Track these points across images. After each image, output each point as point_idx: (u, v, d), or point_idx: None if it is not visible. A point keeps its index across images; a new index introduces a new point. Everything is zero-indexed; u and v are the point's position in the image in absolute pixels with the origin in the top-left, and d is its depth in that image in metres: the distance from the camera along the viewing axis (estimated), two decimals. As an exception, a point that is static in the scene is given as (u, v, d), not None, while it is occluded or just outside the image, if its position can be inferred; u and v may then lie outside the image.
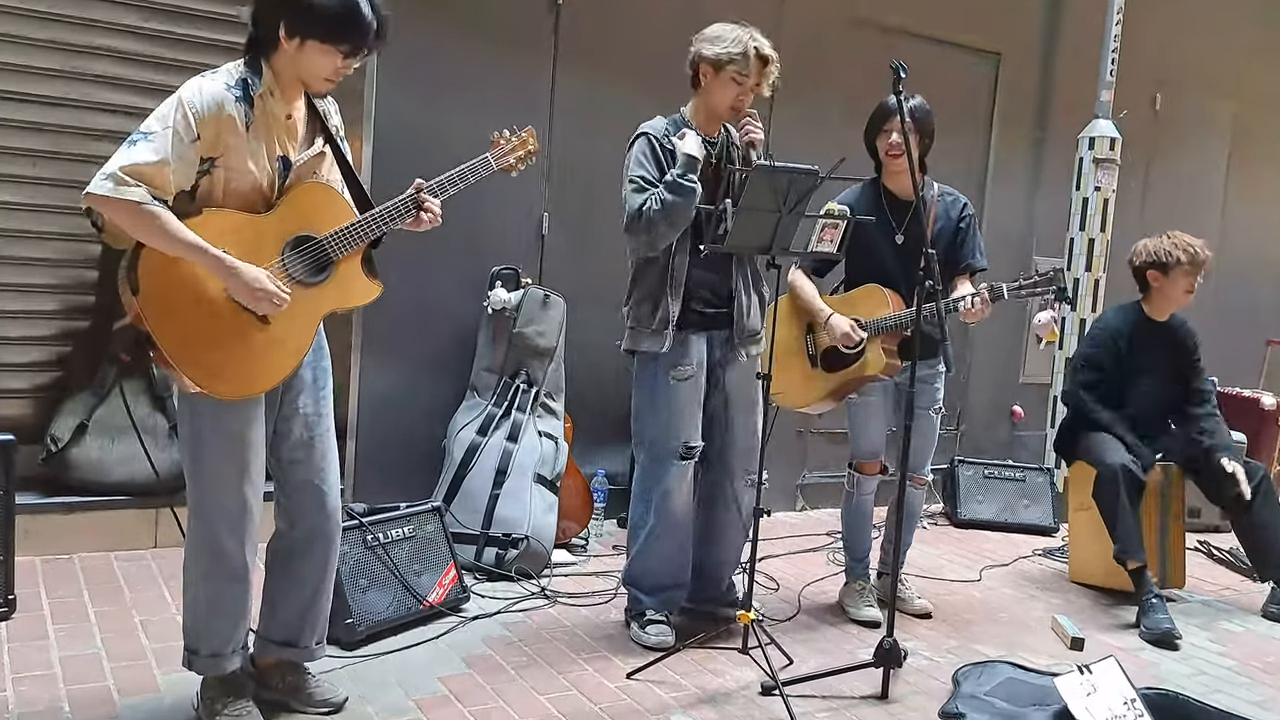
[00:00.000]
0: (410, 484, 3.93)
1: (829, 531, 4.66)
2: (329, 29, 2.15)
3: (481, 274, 4.17)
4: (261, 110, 2.19)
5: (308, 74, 2.21)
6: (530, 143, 2.59)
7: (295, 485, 2.41)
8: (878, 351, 3.37)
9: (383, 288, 2.38)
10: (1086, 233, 5.41)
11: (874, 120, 3.40)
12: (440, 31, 4.02)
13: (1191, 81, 6.18)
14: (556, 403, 4.13)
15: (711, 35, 3.05)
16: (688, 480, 3.16)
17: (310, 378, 2.40)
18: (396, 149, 3.89)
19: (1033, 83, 5.68)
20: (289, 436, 2.38)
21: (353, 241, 2.30)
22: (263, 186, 2.21)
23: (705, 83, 3.06)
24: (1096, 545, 3.98)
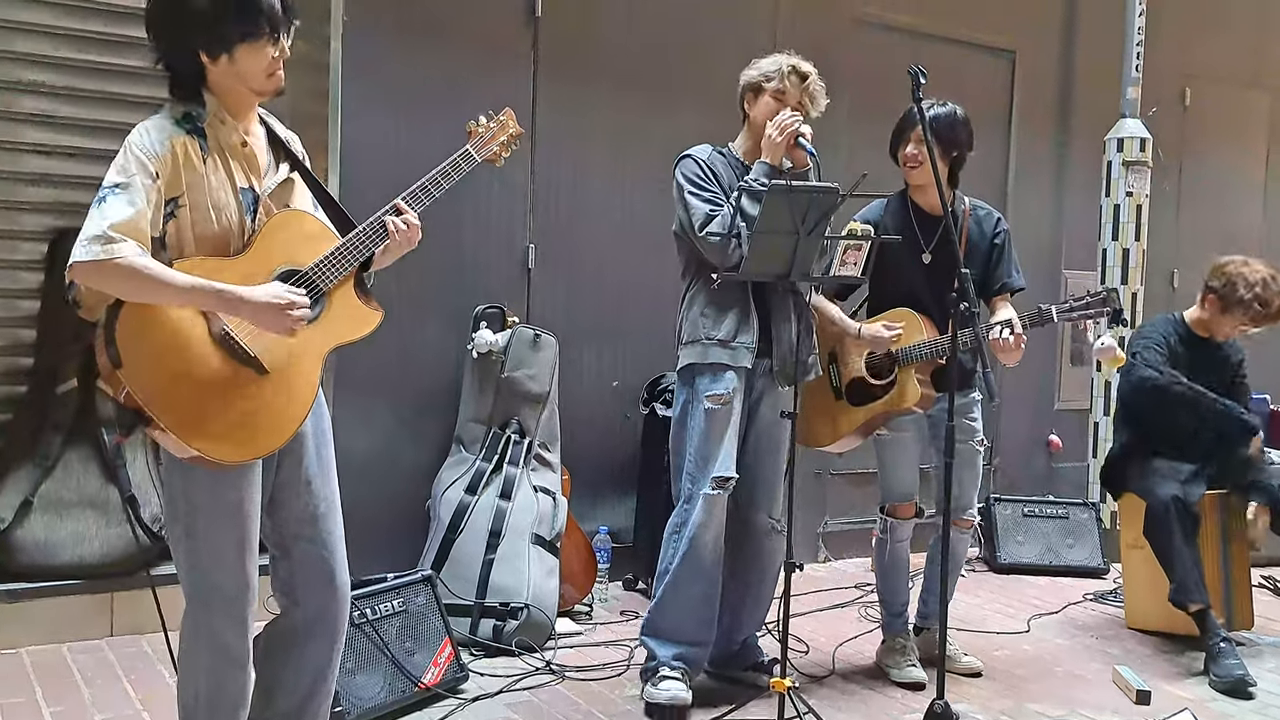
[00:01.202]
0: (394, 551, 3.91)
1: (858, 584, 4.67)
2: (239, 26, 2.14)
3: (464, 314, 4.19)
4: (214, 139, 2.20)
5: (251, 79, 2.20)
6: (510, 125, 2.57)
7: (299, 560, 2.37)
8: (912, 382, 3.40)
9: (383, 313, 2.36)
10: (1120, 242, 5.49)
11: (896, 129, 3.48)
12: (409, 48, 4.07)
13: (1222, 73, 6.32)
14: (552, 453, 4.14)
15: (753, 64, 3.28)
16: (718, 516, 3.20)
17: (312, 437, 2.37)
18: (366, 176, 3.91)
19: (1052, 81, 5.79)
20: (289, 505, 2.34)
21: (341, 267, 2.28)
22: (232, 225, 2.21)
23: (750, 109, 3.25)
24: (1154, 586, 4.00)
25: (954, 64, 5.25)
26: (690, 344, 3.23)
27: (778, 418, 3.23)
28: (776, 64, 3.21)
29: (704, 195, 3.15)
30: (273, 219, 2.26)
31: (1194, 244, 5.98)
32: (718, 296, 3.18)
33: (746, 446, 3.29)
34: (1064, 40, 5.81)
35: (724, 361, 3.17)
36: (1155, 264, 5.74)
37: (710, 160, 3.22)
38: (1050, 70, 5.78)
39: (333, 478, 2.42)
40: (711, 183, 3.17)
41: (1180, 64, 6.10)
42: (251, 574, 2.23)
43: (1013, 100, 5.65)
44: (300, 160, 2.37)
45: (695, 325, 3.22)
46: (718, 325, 3.18)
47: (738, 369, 3.18)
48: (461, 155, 2.48)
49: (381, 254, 2.38)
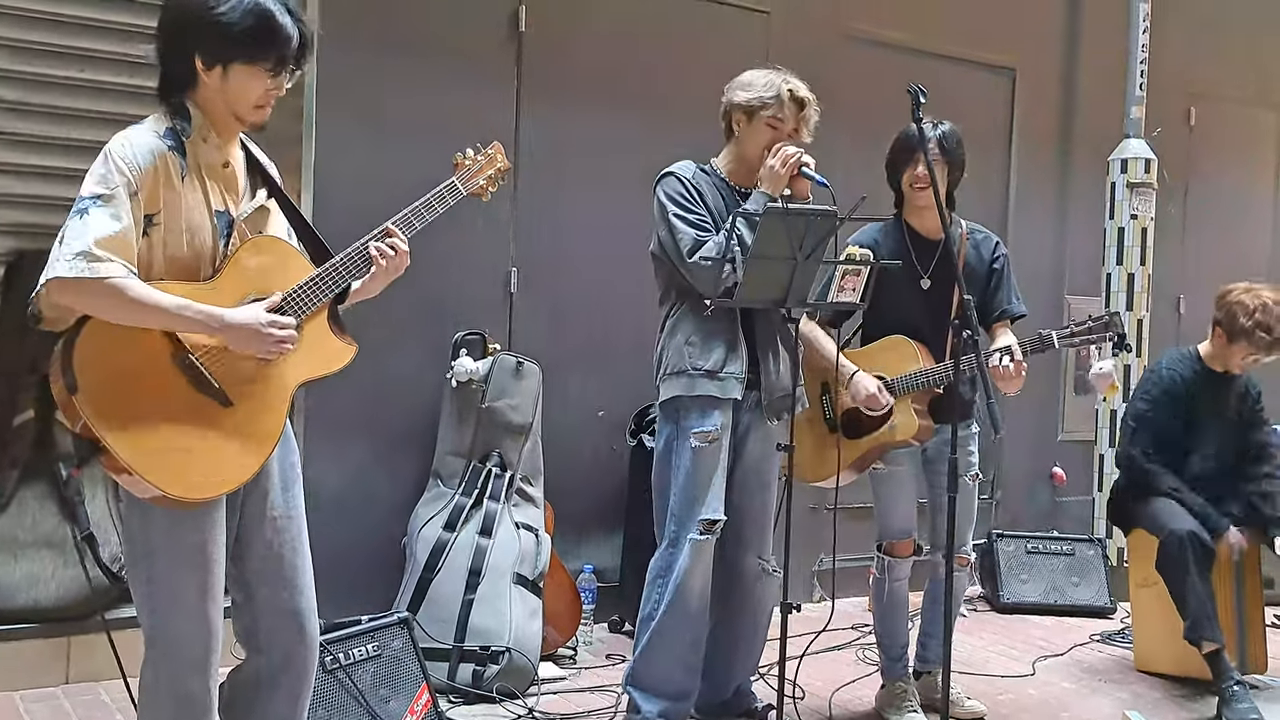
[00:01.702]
0: (368, 592, 3.87)
1: (854, 625, 4.65)
2: (249, 46, 2.16)
3: (442, 341, 4.17)
4: (194, 158, 2.19)
5: (238, 103, 2.21)
6: (499, 159, 2.61)
7: (264, 605, 2.34)
8: (908, 413, 3.39)
9: (357, 348, 2.37)
10: (1125, 267, 5.53)
11: (898, 150, 3.45)
12: (387, 65, 4.07)
13: (1228, 91, 6.38)
14: (535, 488, 4.12)
15: (743, 82, 3.20)
16: (705, 561, 3.17)
17: (278, 474, 2.35)
18: (340, 198, 3.90)
19: (1053, 100, 5.84)
20: (253, 546, 2.32)
21: (315, 298, 2.27)
22: (204, 249, 2.20)
23: (739, 131, 3.19)
24: (1164, 626, 4.00)
25: (951, 82, 5.27)
26: (674, 375, 3.17)
27: (766, 452, 3.22)
28: (774, 89, 3.15)
29: (690, 218, 3.10)
30: (245, 245, 2.26)
31: (1201, 269, 6.02)
32: (703, 323, 3.13)
33: (733, 484, 3.25)
34: (1065, 57, 5.87)
35: (712, 394, 3.12)
36: (1161, 289, 5.78)
37: (695, 179, 3.18)
38: (1051, 88, 5.83)
39: (301, 516, 2.40)
40: (697, 204, 3.13)
41: (1185, 82, 6.15)
42: (215, 620, 2.21)
43: (1013, 120, 5.69)
44: (277, 185, 2.37)
45: (680, 355, 3.16)
46: (705, 355, 3.13)
47: (726, 401, 3.14)
48: (446, 188, 2.50)
49: (368, 281, 2.38)
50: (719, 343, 3.13)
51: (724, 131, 3.26)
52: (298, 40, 2.21)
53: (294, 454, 2.41)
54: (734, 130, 3.23)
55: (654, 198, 3.19)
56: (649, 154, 3.68)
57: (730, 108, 3.21)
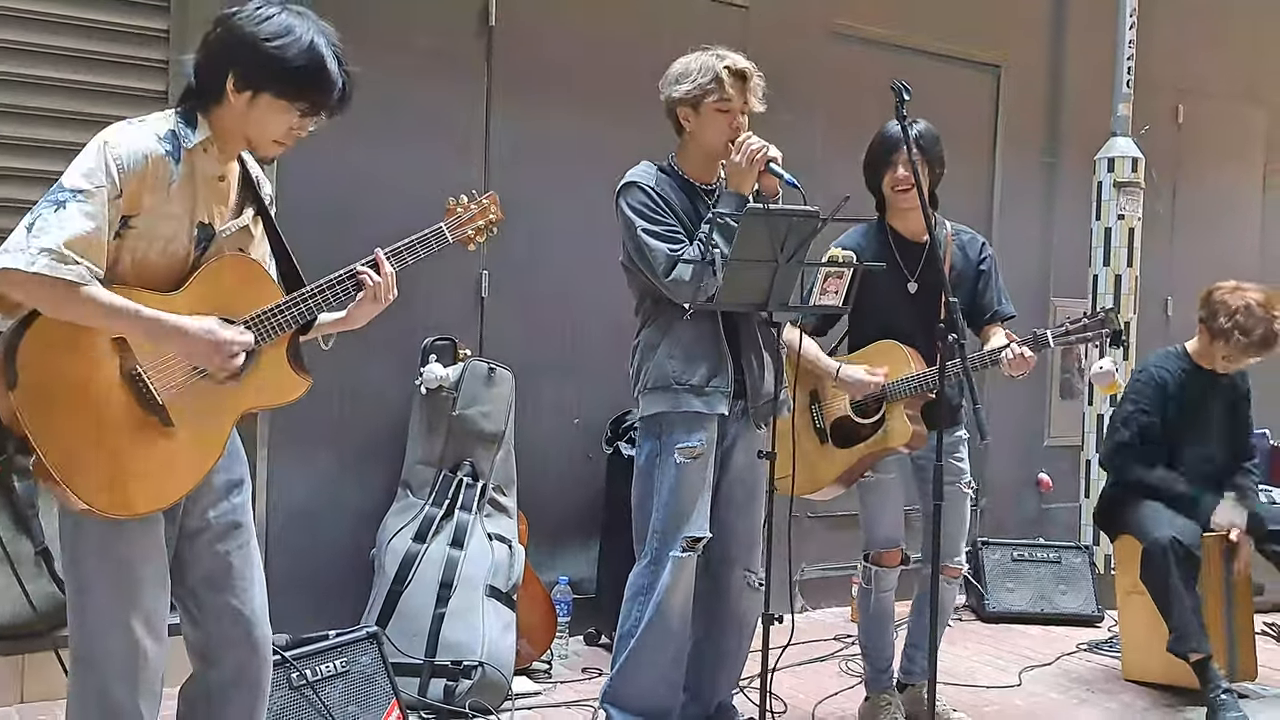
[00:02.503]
0: (335, 606, 3.90)
1: (837, 635, 4.71)
2: (289, 84, 2.20)
3: (411, 347, 4.19)
4: (190, 168, 2.21)
5: (256, 134, 2.25)
6: (492, 210, 2.66)
7: (211, 614, 2.37)
8: (901, 419, 3.44)
9: (311, 383, 2.41)
10: (1112, 268, 5.62)
11: (876, 152, 3.48)
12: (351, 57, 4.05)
13: (1217, 88, 6.50)
14: (508, 498, 4.14)
15: (676, 74, 3.16)
16: (687, 578, 3.19)
17: (221, 485, 2.38)
18: (304, 197, 3.90)
19: (1040, 98, 5.93)
20: (198, 556, 2.35)
21: (278, 326, 2.31)
22: (176, 258, 2.23)
23: (690, 127, 3.16)
24: (1152, 635, 4.07)
25: (935, 79, 5.33)
26: (656, 390, 3.15)
27: (752, 463, 3.23)
28: (710, 71, 3.07)
29: (659, 230, 3.06)
30: (217, 261, 2.29)
31: (1189, 269, 6.11)
32: (686, 334, 3.12)
33: (719, 497, 3.26)
34: (1052, 54, 5.96)
35: (698, 409, 3.12)
36: (1149, 291, 5.87)
37: (658, 185, 3.14)
38: (1037, 86, 5.92)
39: (249, 525, 2.43)
40: (665, 214, 3.10)
41: (1173, 79, 6.26)
42: (145, 639, 2.23)
43: (998, 118, 5.77)
44: (265, 206, 2.40)
45: (662, 369, 3.14)
46: (689, 369, 3.12)
47: (712, 417, 3.14)
48: (433, 233, 2.55)
49: (353, 309, 2.44)
50: (703, 355, 3.13)
51: (674, 129, 3.22)
52: (339, 92, 2.26)
53: (241, 466, 2.44)
54: (684, 126, 3.18)
55: (617, 209, 3.16)
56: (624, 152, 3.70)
57: (673, 105, 3.15)
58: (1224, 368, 4.13)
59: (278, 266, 2.42)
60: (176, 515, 2.31)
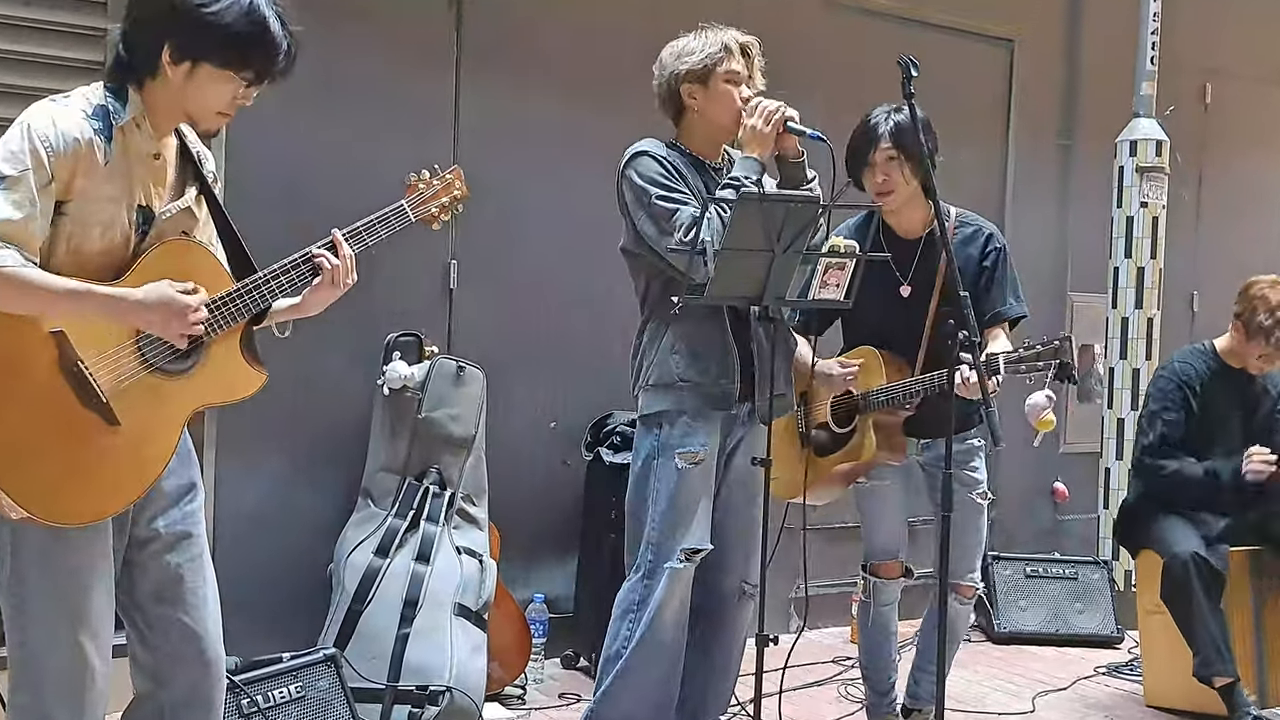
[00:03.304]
0: (290, 626, 3.87)
1: (836, 658, 4.70)
2: (231, 51, 2.19)
3: (374, 344, 4.17)
4: (123, 146, 2.20)
5: (197, 106, 2.24)
6: (456, 186, 2.66)
7: (161, 631, 2.37)
8: (868, 433, 3.45)
9: (266, 377, 2.41)
10: (1134, 260, 5.62)
11: (853, 148, 3.44)
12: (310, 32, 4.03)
13: (1247, 67, 6.50)
14: (478, 508, 4.12)
15: (677, 52, 3.17)
16: (683, 592, 3.18)
17: (173, 491, 2.38)
18: (256, 180, 3.90)
19: (1056, 75, 5.93)
20: (147, 570, 2.35)
21: (229, 317, 2.30)
22: (115, 245, 2.22)
23: (698, 104, 3.17)
24: (1176, 657, 4.08)
25: (943, 54, 5.32)
26: (659, 388, 3.15)
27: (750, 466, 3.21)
28: (717, 43, 3.13)
29: (677, 197, 3.06)
30: (161, 247, 2.28)
31: (1216, 262, 6.14)
32: (691, 330, 3.12)
33: (717, 501, 3.25)
34: (1069, 28, 5.96)
35: (703, 409, 3.12)
36: (1173, 285, 5.87)
37: (670, 157, 3.15)
38: (1054, 62, 5.92)
39: (202, 536, 2.44)
40: (679, 181, 3.10)
41: (1200, 57, 6.26)
42: (92, 656, 2.24)
43: (1011, 96, 5.78)
44: (208, 183, 2.39)
45: (665, 365, 3.13)
46: (694, 366, 3.12)
47: (716, 417, 3.14)
48: (394, 211, 2.54)
49: (310, 294, 2.44)
50: (710, 351, 3.12)
51: (672, 116, 3.23)
52: (284, 55, 2.24)
53: (193, 469, 2.45)
54: (689, 105, 3.18)
55: (623, 183, 3.14)
56: (605, 134, 3.70)
57: (678, 82, 3.16)
58: (1258, 368, 4.13)
59: (225, 249, 2.41)
60: (125, 524, 2.32)
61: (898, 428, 3.48)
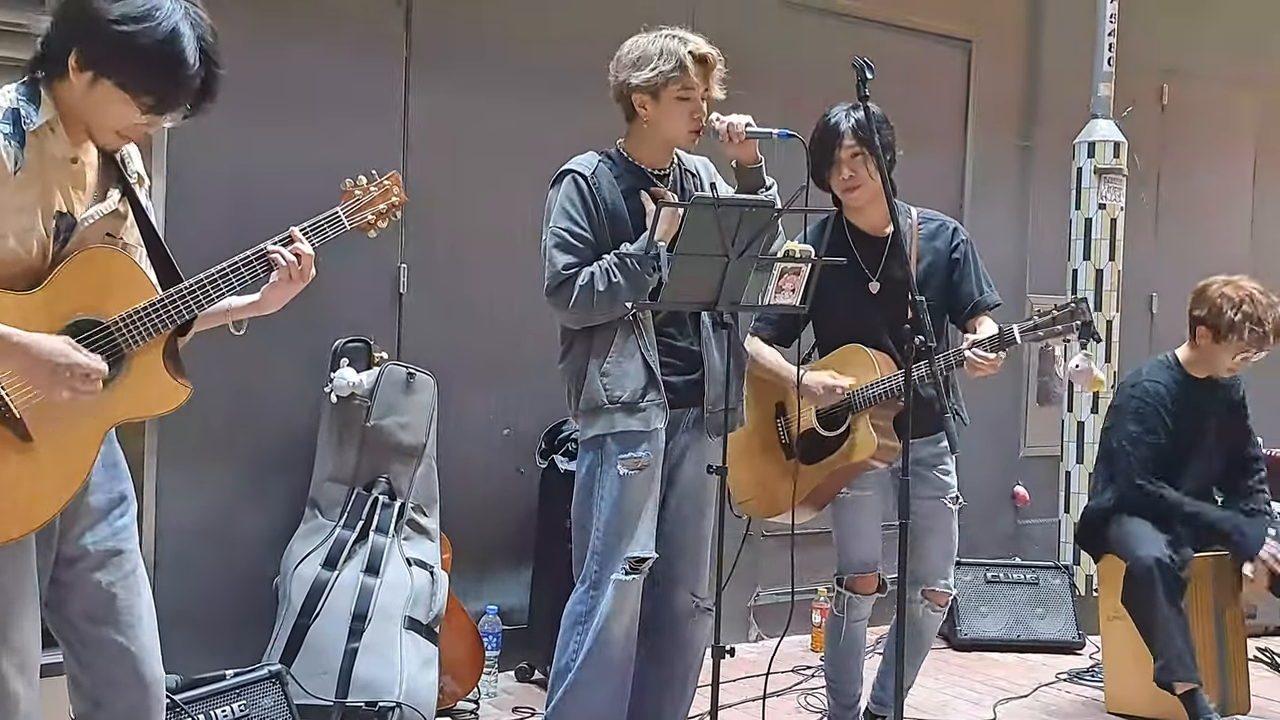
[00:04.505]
0: (234, 642, 3.85)
1: (795, 667, 4.71)
2: (133, 75, 2.14)
3: (320, 349, 4.14)
4: (37, 151, 2.16)
5: (95, 121, 2.20)
6: (393, 193, 2.64)
7: (95, 651, 2.34)
8: (867, 430, 3.43)
9: (191, 390, 2.38)
10: (1093, 262, 5.68)
11: (818, 146, 3.44)
12: (254, 28, 4.01)
13: (1205, 69, 6.59)
14: (429, 518, 4.11)
15: (633, 58, 3.16)
16: (631, 604, 3.17)
17: (101, 505, 2.35)
18: (197, 183, 3.87)
19: (1014, 76, 5.99)
20: (78, 589, 2.32)
21: (153, 327, 2.27)
22: (30, 253, 2.18)
23: (648, 115, 3.17)
24: (1138, 663, 4.12)
25: (900, 55, 5.36)
26: (592, 412, 3.15)
27: (704, 475, 3.23)
28: (673, 57, 3.09)
29: (569, 239, 3.09)
30: (84, 254, 2.24)
31: (1174, 264, 6.19)
32: (612, 340, 3.12)
33: (665, 513, 3.26)
34: (1028, 29, 6.02)
35: (635, 428, 3.11)
36: (1132, 287, 5.94)
37: (596, 178, 3.15)
38: (1012, 63, 5.97)
39: (135, 551, 2.41)
40: (585, 220, 3.11)
41: (1158, 58, 6.34)
42: (14, 681, 2.20)
43: (969, 98, 5.82)
44: (133, 185, 2.36)
45: (594, 389, 3.13)
46: (620, 383, 3.12)
47: (649, 433, 3.13)
48: (328, 218, 2.52)
49: (268, 291, 2.43)
50: (632, 364, 3.13)
51: (624, 114, 3.23)
52: (200, 88, 2.19)
53: (123, 482, 2.42)
54: (640, 113, 3.18)
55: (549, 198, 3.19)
56: (561, 134, 3.69)
57: (628, 90, 3.15)
58: (1230, 370, 4.15)
59: (149, 255, 2.37)
60: (52, 539, 2.28)
61: (891, 425, 3.47)
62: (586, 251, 3.10)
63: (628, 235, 3.11)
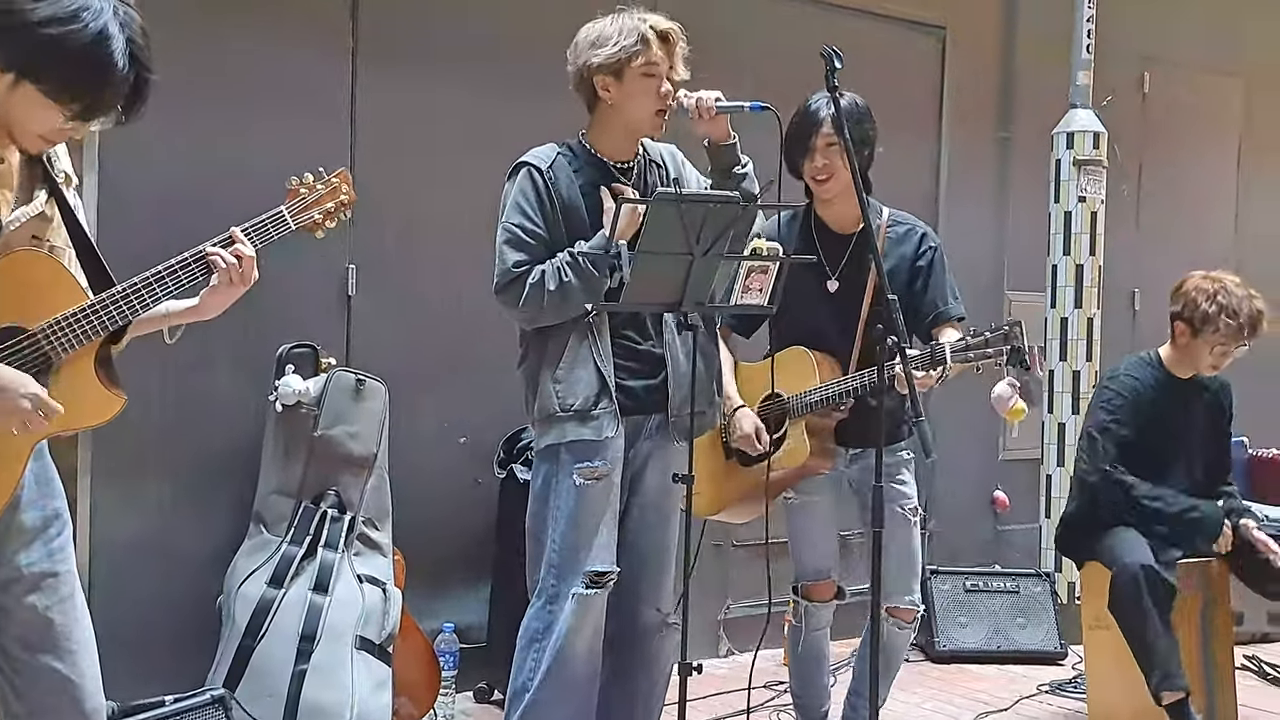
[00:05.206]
0: (175, 666, 3.83)
1: (768, 683, 4.70)
2: (57, 81, 2.10)
3: (264, 356, 4.12)
4: None
5: (16, 125, 2.16)
6: (342, 191, 2.63)
7: (31, 679, 2.32)
8: (800, 438, 3.48)
9: (125, 400, 2.36)
10: (1073, 257, 5.71)
11: (793, 135, 3.44)
12: (190, 19, 3.98)
13: (1186, 56, 6.65)
14: (381, 532, 4.09)
15: (592, 39, 3.15)
16: (594, 620, 3.16)
17: (35, 524, 2.33)
18: (131, 181, 3.84)
19: (990, 64, 6.01)
20: (13, 613, 2.29)
21: (83, 334, 2.26)
22: None
23: (611, 97, 3.15)
24: (1122, 673, 4.11)
25: (872, 43, 5.39)
26: (545, 421, 3.15)
27: (667, 485, 3.23)
28: (634, 33, 3.10)
29: (521, 235, 3.09)
30: (4, 258, 2.22)
31: (1158, 258, 6.23)
32: (565, 344, 3.12)
33: (627, 524, 3.26)
34: (1004, 15, 6.04)
35: (588, 437, 3.11)
36: (1114, 283, 5.98)
37: (554, 172, 3.15)
38: (988, 50, 6.00)
39: (71, 572, 2.39)
40: (539, 216, 3.11)
41: (1138, 45, 6.39)
42: None
43: (944, 87, 5.84)
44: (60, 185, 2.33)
45: (546, 396, 3.13)
46: (571, 390, 3.12)
47: (603, 443, 3.12)
48: (272, 218, 2.51)
49: (207, 295, 2.42)
50: (585, 371, 3.12)
51: (585, 102, 3.22)
52: (126, 101, 2.17)
53: (56, 499, 2.40)
54: (603, 96, 3.17)
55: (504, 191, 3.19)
56: (516, 128, 3.67)
57: (590, 73, 3.15)
58: (1210, 367, 4.18)
59: (80, 258, 2.35)
60: None
61: (830, 432, 3.50)
62: (539, 249, 3.09)
63: (585, 232, 3.10)
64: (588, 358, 3.11)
